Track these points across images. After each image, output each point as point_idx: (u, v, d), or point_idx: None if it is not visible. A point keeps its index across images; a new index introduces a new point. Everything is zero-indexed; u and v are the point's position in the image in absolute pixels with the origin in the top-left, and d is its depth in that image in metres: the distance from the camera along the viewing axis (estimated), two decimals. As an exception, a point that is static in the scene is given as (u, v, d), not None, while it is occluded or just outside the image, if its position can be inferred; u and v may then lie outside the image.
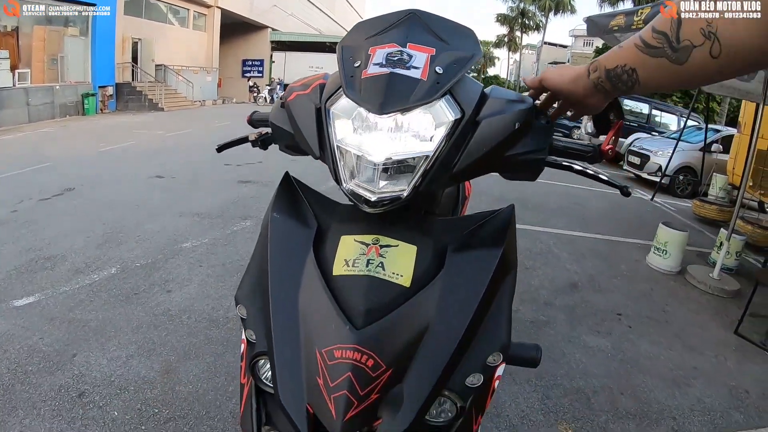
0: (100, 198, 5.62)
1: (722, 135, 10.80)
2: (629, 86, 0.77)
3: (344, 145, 0.82)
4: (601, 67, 0.79)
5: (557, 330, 3.53)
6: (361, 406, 0.74)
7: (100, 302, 3.23)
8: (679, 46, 0.67)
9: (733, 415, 2.84)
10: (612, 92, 0.82)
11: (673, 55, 0.68)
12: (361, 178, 0.82)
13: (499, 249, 0.87)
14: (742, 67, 0.64)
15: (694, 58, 0.66)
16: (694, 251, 5.97)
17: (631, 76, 0.75)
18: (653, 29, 0.70)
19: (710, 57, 0.64)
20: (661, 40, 0.69)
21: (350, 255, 0.85)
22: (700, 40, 0.64)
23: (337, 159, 0.83)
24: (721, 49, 0.62)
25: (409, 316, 0.79)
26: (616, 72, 0.77)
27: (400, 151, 0.79)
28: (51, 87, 14.82)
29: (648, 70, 0.73)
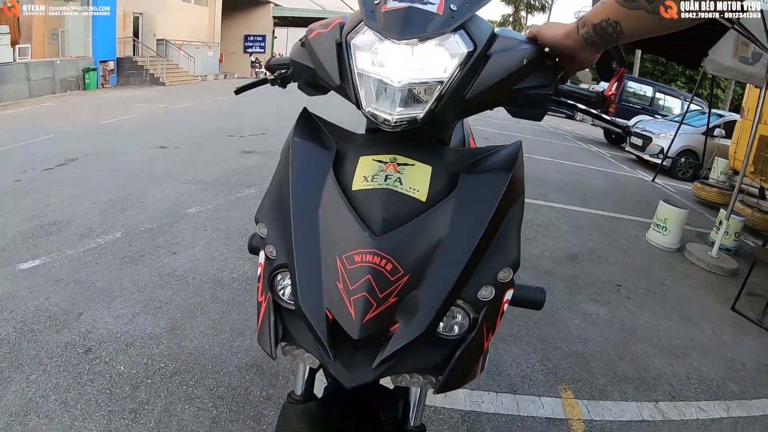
0: (104, 167, 5.62)
1: (725, 120, 10.78)
2: (615, 37, 0.83)
3: (365, 72, 0.87)
4: (588, 23, 0.85)
5: (557, 297, 3.58)
6: (380, 308, 0.77)
7: (106, 264, 3.26)
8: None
9: (728, 386, 2.89)
10: (601, 44, 0.87)
11: (649, 7, 0.75)
12: (381, 101, 0.86)
13: (509, 173, 0.92)
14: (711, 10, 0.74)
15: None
16: (693, 231, 6.02)
17: (615, 29, 0.82)
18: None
19: None
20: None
21: (369, 172, 0.89)
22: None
23: (357, 85, 0.88)
24: None
25: (425, 228, 0.83)
26: (602, 26, 0.83)
27: (417, 77, 0.84)
28: (52, 62, 14.65)
29: (629, 21, 0.80)
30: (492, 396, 2.42)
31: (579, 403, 2.47)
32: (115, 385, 2.19)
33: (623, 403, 2.55)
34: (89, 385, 2.17)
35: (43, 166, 5.55)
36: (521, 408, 2.37)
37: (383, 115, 0.86)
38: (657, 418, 2.48)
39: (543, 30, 0.94)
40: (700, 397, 2.73)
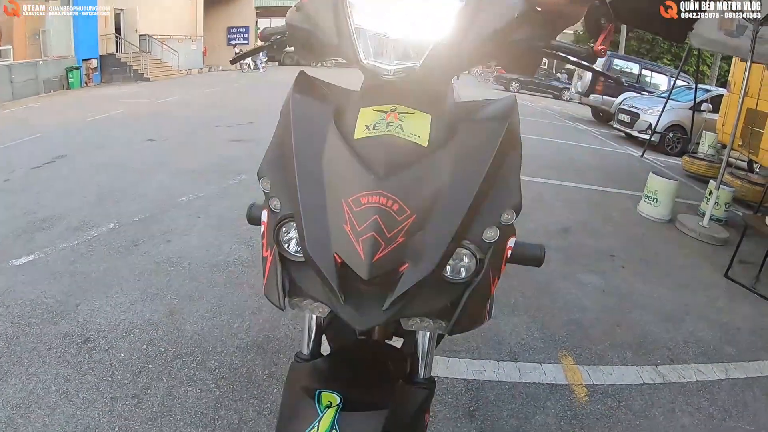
0: (93, 162, 5.57)
1: (712, 95, 10.83)
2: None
3: (363, 27, 0.89)
4: None
5: (552, 268, 3.60)
6: (388, 248, 0.77)
7: (101, 255, 3.24)
8: None
9: (725, 349, 2.94)
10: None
11: None
12: (380, 56, 0.88)
13: (505, 122, 0.92)
14: None
15: None
16: (684, 203, 6.08)
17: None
18: None
19: None
20: None
21: (370, 121, 0.89)
22: None
23: (356, 41, 0.89)
24: None
25: (429, 171, 0.84)
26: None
27: (413, 29, 0.87)
28: (34, 63, 14.44)
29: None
30: (494, 364, 2.45)
31: (580, 369, 2.50)
32: (116, 372, 2.18)
33: (623, 367, 2.58)
34: (90, 374, 2.16)
35: (32, 164, 5.49)
36: (523, 375, 2.40)
37: (383, 66, 0.87)
38: (657, 380, 2.52)
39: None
40: (698, 360, 2.77)
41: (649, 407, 2.31)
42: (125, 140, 6.85)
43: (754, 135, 7.60)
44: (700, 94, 10.43)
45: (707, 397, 2.46)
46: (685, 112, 10.38)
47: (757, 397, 2.55)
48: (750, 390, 2.59)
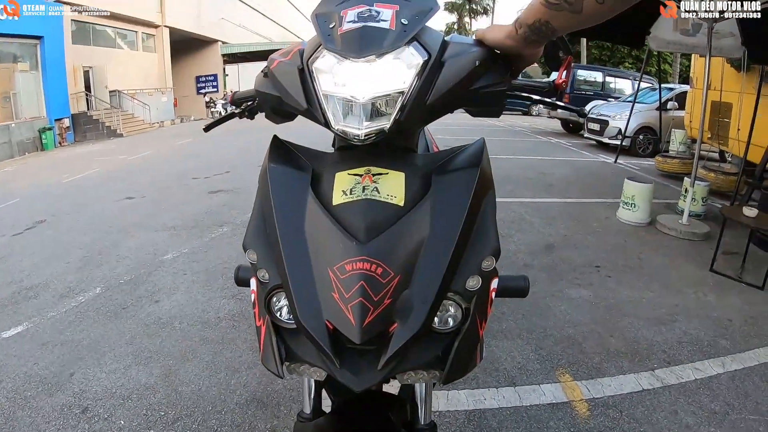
0: (73, 225, 5.55)
1: (676, 92, 11.11)
2: (549, 34, 0.91)
3: (330, 92, 0.91)
4: (524, 24, 0.91)
5: (540, 288, 3.64)
6: (377, 311, 0.81)
7: (90, 321, 3.22)
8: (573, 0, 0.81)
9: (720, 343, 3.00)
10: (540, 41, 0.94)
11: (571, 8, 0.82)
12: (349, 118, 0.91)
13: (477, 168, 0.97)
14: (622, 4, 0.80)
15: (586, 6, 0.80)
16: (661, 203, 6.20)
17: (548, 27, 0.88)
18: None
19: (597, 3, 0.79)
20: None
21: (346, 186, 0.93)
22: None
23: (324, 106, 0.92)
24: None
25: (407, 230, 0.87)
26: (536, 26, 0.89)
27: (379, 91, 0.88)
28: (6, 126, 14.44)
29: (557, 20, 0.86)
30: (493, 392, 2.46)
31: (578, 385, 2.52)
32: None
33: (621, 376, 2.61)
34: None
35: (13, 231, 5.46)
36: (523, 398, 2.41)
37: (352, 131, 0.90)
38: (656, 385, 2.55)
39: (486, 33, 0.99)
40: (694, 359, 2.82)
41: (652, 413, 2.34)
42: (104, 200, 6.83)
43: (721, 126, 7.80)
44: (664, 93, 10.71)
45: (708, 393, 2.50)
46: (652, 113, 10.63)
47: (758, 385, 2.60)
48: (749, 380, 2.63)
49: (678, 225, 5.07)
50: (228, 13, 28.53)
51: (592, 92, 15.07)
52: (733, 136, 7.39)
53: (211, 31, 26.85)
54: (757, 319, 3.32)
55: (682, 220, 5.13)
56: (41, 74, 16.15)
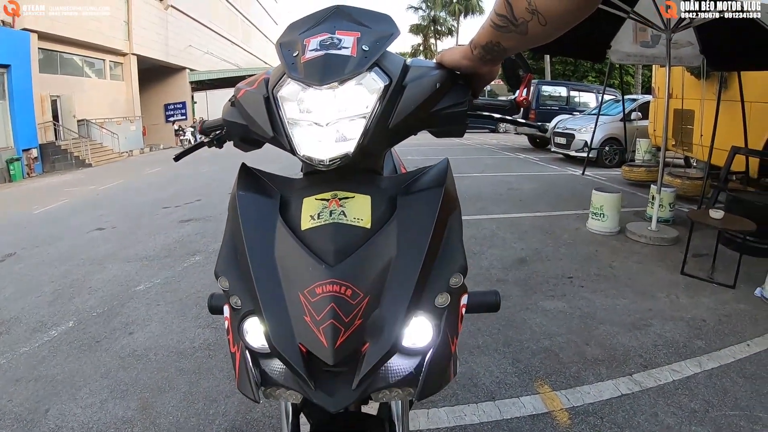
0: (44, 258, 5.43)
1: (639, 103, 11.45)
2: (501, 54, 0.95)
3: (294, 119, 0.93)
4: (478, 45, 0.95)
5: (514, 302, 3.69)
6: (348, 332, 0.83)
7: (63, 355, 3.14)
8: (518, 23, 0.83)
9: (695, 343, 3.07)
10: (494, 60, 0.98)
11: (517, 29, 0.84)
12: (314, 144, 0.93)
13: (441, 188, 0.99)
14: (565, 25, 0.82)
15: (531, 28, 0.82)
16: (630, 211, 6.36)
17: (500, 47, 0.92)
18: (496, 13, 0.86)
19: (541, 26, 0.81)
20: (504, 21, 0.85)
21: (314, 211, 0.95)
22: (529, 16, 0.81)
23: (290, 133, 0.94)
24: (546, 20, 0.79)
25: (375, 251, 0.90)
26: (488, 46, 0.93)
27: (342, 116, 0.91)
28: (-27, 157, 14.20)
29: (507, 41, 0.89)
30: (473, 407, 2.46)
31: (558, 395, 2.54)
32: (94, 478, 2.11)
33: (600, 383, 2.65)
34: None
35: (-20, 266, 5.31)
36: (503, 412, 2.43)
37: (318, 157, 0.92)
38: (635, 389, 2.59)
39: (445, 55, 1.03)
40: (671, 360, 2.88)
41: (632, 416, 2.37)
42: (74, 232, 6.71)
43: (685, 133, 8.04)
44: (628, 104, 11.04)
45: (686, 393, 2.55)
46: (616, 124, 10.94)
47: (735, 381, 2.66)
48: (727, 376, 2.70)
49: (647, 231, 5.19)
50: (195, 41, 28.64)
51: (557, 107, 15.42)
52: (697, 142, 7.63)
53: (179, 58, 26.84)
54: (730, 317, 3.42)
55: (650, 226, 5.26)
56: (8, 103, 15.90)
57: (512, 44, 0.89)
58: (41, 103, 17.45)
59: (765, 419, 2.34)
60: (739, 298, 3.73)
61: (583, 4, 0.76)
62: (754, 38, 4.91)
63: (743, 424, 2.31)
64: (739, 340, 3.11)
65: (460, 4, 43.24)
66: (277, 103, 0.95)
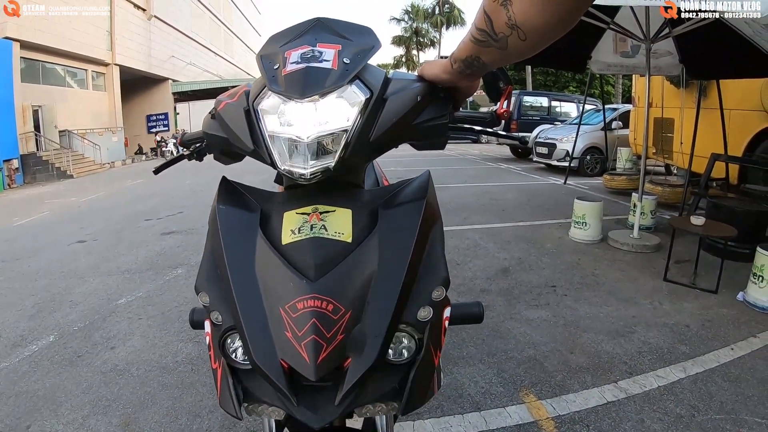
0: (24, 271, 5.34)
1: (620, 112, 11.62)
2: (481, 69, 0.93)
3: (275, 133, 0.93)
4: (458, 59, 0.94)
5: (498, 311, 3.69)
6: (330, 347, 0.82)
7: (44, 371, 3.08)
8: (498, 37, 0.82)
9: (679, 348, 3.11)
10: (474, 75, 0.97)
11: (497, 44, 0.83)
12: (294, 157, 0.92)
13: (423, 201, 0.99)
14: (546, 40, 0.81)
15: (511, 43, 0.81)
16: (612, 219, 6.44)
17: (479, 62, 0.91)
18: (476, 27, 0.85)
19: (520, 41, 0.79)
20: (484, 35, 0.84)
21: (295, 225, 0.94)
22: (508, 31, 0.79)
23: (270, 146, 0.93)
24: (525, 34, 0.78)
25: (357, 265, 0.89)
26: (468, 60, 0.92)
27: (323, 130, 0.90)
28: (-47, 167, 13.99)
29: (487, 56, 0.88)
30: (458, 418, 2.46)
31: (543, 404, 2.55)
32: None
33: (585, 391, 2.66)
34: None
35: (-41, 280, 5.22)
36: (489, 422, 2.42)
37: (298, 170, 0.91)
38: (621, 396, 2.61)
39: (425, 69, 1.03)
40: (656, 366, 2.90)
41: (618, 424, 2.38)
42: (55, 244, 6.62)
43: (665, 141, 8.16)
44: (608, 113, 11.20)
45: (672, 399, 2.57)
46: (597, 133, 11.09)
47: (720, 385, 2.69)
48: (712, 381, 2.73)
49: (629, 239, 5.25)
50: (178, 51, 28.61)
51: (539, 117, 15.58)
52: (677, 150, 7.74)
53: (162, 69, 26.80)
54: (713, 322, 3.46)
55: (633, 234, 5.32)
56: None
57: (492, 59, 0.89)
58: (23, 113, 17.28)
59: (750, 422, 2.37)
60: (721, 303, 3.78)
61: (563, 18, 0.76)
62: (733, 47, 5.01)
63: (729, 427, 2.33)
64: (723, 344, 3.15)
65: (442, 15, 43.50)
66: (258, 116, 0.95)
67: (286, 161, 0.93)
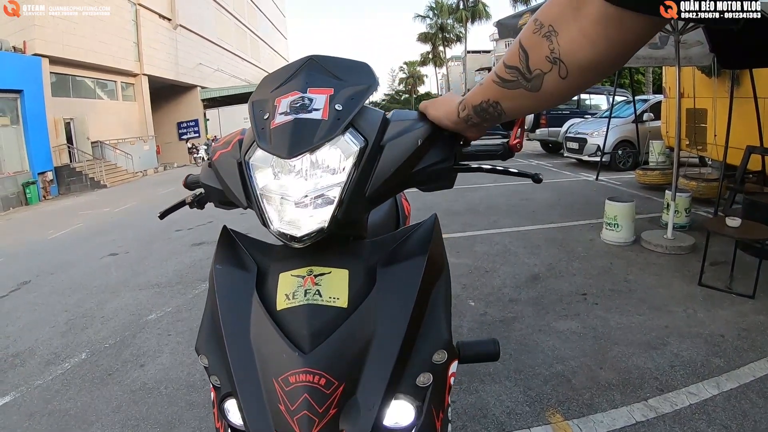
0: (58, 286, 5.50)
1: (651, 103, 11.27)
2: (496, 116, 0.84)
3: (266, 191, 0.89)
4: (469, 105, 0.86)
5: (526, 323, 3.61)
6: (322, 422, 0.79)
7: (76, 389, 3.15)
8: (531, 75, 0.72)
9: (713, 362, 2.96)
10: (482, 124, 0.89)
11: (528, 85, 0.73)
12: (286, 219, 0.88)
13: (424, 256, 0.94)
14: (587, 81, 0.70)
15: (547, 83, 0.71)
16: (645, 218, 6.24)
17: (496, 108, 0.82)
18: (505, 65, 0.75)
19: (560, 79, 0.69)
20: (514, 74, 0.74)
21: (289, 289, 0.91)
22: (547, 66, 0.69)
23: (262, 205, 0.90)
24: (567, 71, 0.67)
25: (352, 333, 0.85)
26: (482, 106, 0.84)
27: (315, 187, 0.86)
28: (-11, 181, 14.54)
29: (509, 100, 0.79)
30: (483, 440, 2.41)
31: (570, 424, 2.47)
32: None
33: (613, 411, 2.56)
34: None
35: (-3, 294, 5.42)
36: (515, 444, 2.37)
37: (291, 232, 0.87)
38: (650, 416, 2.51)
39: (429, 109, 0.96)
40: (688, 382, 2.77)
41: (647, 446, 2.29)
42: (87, 257, 6.80)
43: (698, 132, 7.89)
44: (639, 105, 10.87)
45: (704, 418, 2.46)
46: (629, 126, 10.76)
47: (755, 402, 2.56)
48: (746, 398, 2.60)
49: (663, 240, 5.08)
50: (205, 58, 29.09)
51: (568, 111, 15.23)
52: (711, 141, 7.49)
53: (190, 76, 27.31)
54: (749, 331, 3.30)
55: (666, 234, 5.15)
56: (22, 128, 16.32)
57: (513, 105, 0.80)
58: (55, 127, 17.85)
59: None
60: (758, 309, 3.61)
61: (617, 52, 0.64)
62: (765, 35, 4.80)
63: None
64: (759, 356, 3.00)
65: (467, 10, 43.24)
66: (249, 171, 0.91)
67: (278, 222, 0.89)
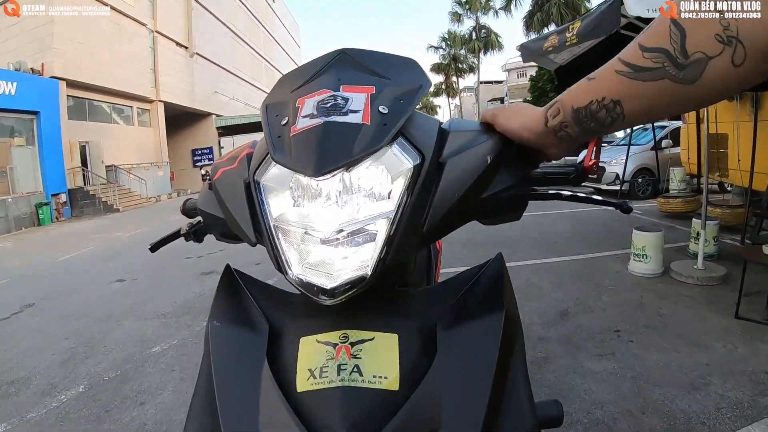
0: (62, 311, 5.35)
1: (670, 129, 11.10)
2: (608, 124, 0.61)
3: (283, 223, 0.65)
4: (566, 108, 0.63)
5: (559, 364, 3.33)
6: None
7: (71, 425, 2.95)
8: (687, 61, 0.51)
9: (761, 401, 2.71)
10: (580, 136, 0.65)
11: (679, 74, 0.52)
12: (311, 262, 0.64)
13: (501, 312, 0.68)
14: (766, 72, 0.50)
15: (710, 71, 0.50)
16: (672, 248, 5.95)
17: (612, 111, 0.59)
18: (643, 47, 0.55)
19: (732, 66, 0.49)
20: (658, 59, 0.53)
21: (315, 362, 0.64)
22: (716, 48, 0.49)
23: (277, 242, 0.65)
24: (746, 55, 0.48)
25: (407, 428, 0.59)
26: (591, 110, 0.61)
27: (353, 218, 0.62)
28: (3, 200, 14.83)
29: (639, 99, 0.56)
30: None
31: (617, 479, 2.21)
32: None
33: (660, 462, 2.30)
34: None
35: (0, 315, 5.32)
36: None
37: (318, 282, 0.62)
38: (700, 464, 2.24)
39: (498, 118, 0.73)
40: (737, 426, 2.52)
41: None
42: (95, 283, 6.67)
43: (720, 158, 7.66)
44: (658, 132, 10.70)
45: (757, 467, 2.19)
46: (648, 153, 10.59)
47: (808, 442, 2.29)
48: (796, 438, 2.33)
49: (694, 271, 4.81)
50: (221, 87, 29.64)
51: (605, 143, 15.12)
52: (734, 167, 7.23)
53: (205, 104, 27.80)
54: (793, 364, 3.03)
55: (697, 264, 4.88)
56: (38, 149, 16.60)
57: (643, 106, 0.57)
58: (70, 149, 18.10)
59: None
60: (799, 342, 3.34)
61: None
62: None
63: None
64: (807, 392, 2.75)
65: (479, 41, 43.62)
66: (261, 194, 0.67)
67: (299, 266, 0.64)
